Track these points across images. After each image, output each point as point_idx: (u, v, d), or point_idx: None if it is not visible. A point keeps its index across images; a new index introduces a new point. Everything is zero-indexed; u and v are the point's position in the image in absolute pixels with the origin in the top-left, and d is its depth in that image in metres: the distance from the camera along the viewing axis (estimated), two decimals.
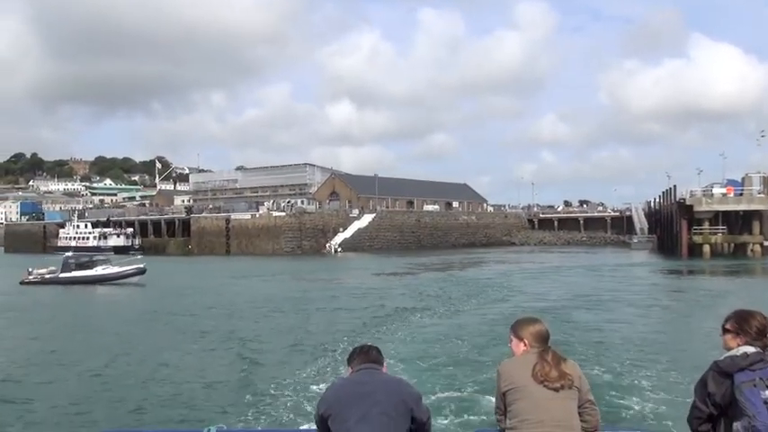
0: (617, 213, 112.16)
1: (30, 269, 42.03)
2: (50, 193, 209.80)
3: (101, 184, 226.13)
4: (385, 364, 4.14)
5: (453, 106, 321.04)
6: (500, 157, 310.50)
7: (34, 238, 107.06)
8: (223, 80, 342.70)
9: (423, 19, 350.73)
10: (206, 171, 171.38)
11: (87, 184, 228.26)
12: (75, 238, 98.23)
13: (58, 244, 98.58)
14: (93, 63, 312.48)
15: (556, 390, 3.95)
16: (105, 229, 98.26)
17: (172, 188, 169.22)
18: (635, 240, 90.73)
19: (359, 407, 3.72)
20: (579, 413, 4.07)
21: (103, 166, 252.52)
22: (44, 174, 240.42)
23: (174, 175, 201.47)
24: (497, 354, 14.44)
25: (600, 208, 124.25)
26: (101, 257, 45.36)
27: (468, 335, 19.60)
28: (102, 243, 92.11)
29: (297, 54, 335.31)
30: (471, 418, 10.91)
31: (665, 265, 58.70)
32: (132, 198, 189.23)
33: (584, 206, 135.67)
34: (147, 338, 21.16)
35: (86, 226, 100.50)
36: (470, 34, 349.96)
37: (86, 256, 45.57)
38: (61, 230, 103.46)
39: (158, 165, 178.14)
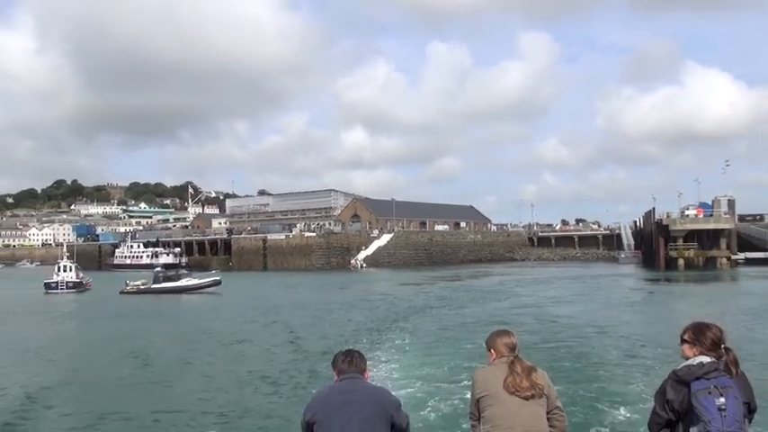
0: (608, 231, 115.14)
1: (127, 282, 49.27)
2: (91, 216, 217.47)
3: (136, 208, 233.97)
4: (367, 371, 4.24)
5: (461, 132, 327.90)
6: (504, 179, 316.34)
7: (90, 257, 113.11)
8: (247, 109, 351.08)
9: (432, 52, 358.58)
10: (236, 196, 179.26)
11: (124, 207, 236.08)
12: (129, 257, 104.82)
13: (114, 262, 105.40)
14: (126, 94, 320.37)
15: (526, 398, 4.06)
16: (156, 249, 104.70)
17: (209, 212, 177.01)
18: (622, 255, 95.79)
19: (342, 414, 3.82)
20: (548, 419, 4.16)
21: (138, 191, 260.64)
22: (84, 198, 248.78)
23: (202, 198, 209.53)
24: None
25: (594, 226, 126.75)
26: (184, 271, 52.63)
27: (472, 324, 26.15)
28: (153, 261, 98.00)
29: (315, 84, 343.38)
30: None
31: (646, 275, 64.80)
32: (166, 220, 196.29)
33: (580, 225, 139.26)
34: (244, 334, 28.64)
35: (139, 246, 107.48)
36: (477, 65, 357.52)
37: (173, 271, 52.83)
38: (117, 250, 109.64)
39: (191, 190, 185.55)
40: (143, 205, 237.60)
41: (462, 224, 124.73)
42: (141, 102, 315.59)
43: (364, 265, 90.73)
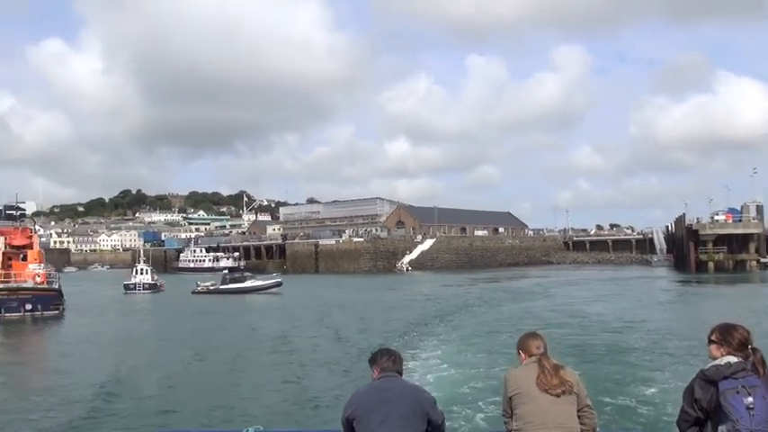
0: (641, 236, 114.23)
1: (198, 283, 52.35)
2: (154, 223, 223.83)
3: (195, 215, 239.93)
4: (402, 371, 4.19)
5: (498, 141, 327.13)
6: (540, 186, 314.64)
7: (156, 261, 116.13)
8: (298, 122, 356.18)
9: (470, 65, 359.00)
10: (287, 204, 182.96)
11: (184, 215, 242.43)
12: (193, 260, 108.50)
13: (179, 266, 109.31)
14: (185, 109, 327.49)
15: (557, 395, 4.04)
16: (217, 254, 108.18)
17: (262, 219, 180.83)
18: (654, 259, 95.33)
19: (381, 411, 3.82)
20: (579, 416, 4.12)
21: (196, 199, 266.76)
22: (147, 207, 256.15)
23: (256, 206, 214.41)
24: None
25: (628, 231, 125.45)
26: (248, 274, 55.43)
27: (508, 320, 28.19)
28: (215, 264, 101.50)
29: (361, 98, 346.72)
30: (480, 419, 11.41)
31: (677, 277, 65.10)
32: (223, 227, 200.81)
33: (614, 229, 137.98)
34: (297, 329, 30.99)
35: (201, 251, 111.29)
36: (513, 77, 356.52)
37: (238, 273, 55.69)
38: (181, 255, 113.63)
39: (245, 198, 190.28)
40: (201, 213, 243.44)
41: (500, 230, 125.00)
42: (199, 116, 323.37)
43: (409, 268, 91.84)
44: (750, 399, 3.48)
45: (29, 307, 33.69)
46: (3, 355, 24.86)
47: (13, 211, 41.38)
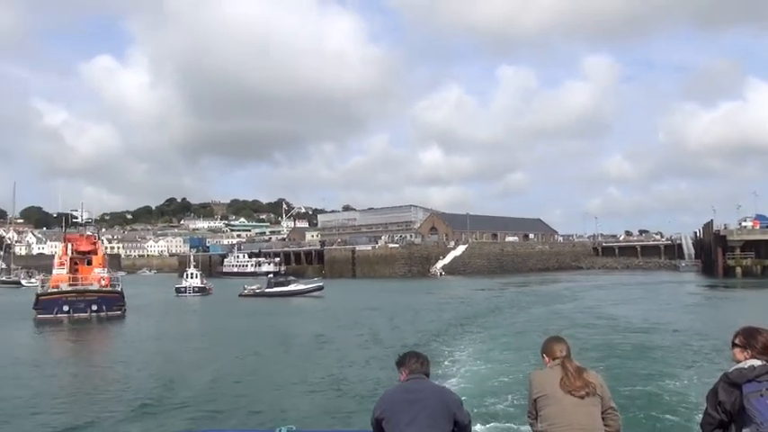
0: (669, 242, 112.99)
1: (245, 286, 54.19)
2: (197, 229, 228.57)
3: (236, 222, 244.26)
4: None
5: (529, 148, 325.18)
6: (570, 192, 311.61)
7: (202, 266, 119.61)
8: (334, 133, 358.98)
9: (500, 75, 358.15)
10: (323, 211, 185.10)
11: (226, 222, 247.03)
12: (236, 265, 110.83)
13: (224, 270, 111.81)
14: (226, 121, 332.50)
15: (581, 397, 4.03)
16: (259, 259, 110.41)
17: (300, 225, 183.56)
18: (683, 264, 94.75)
19: (409, 411, 3.83)
20: (603, 418, 4.11)
21: (237, 207, 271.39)
22: (191, 214, 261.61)
23: (294, 213, 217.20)
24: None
25: (657, 237, 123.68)
26: (292, 278, 57.09)
27: (537, 321, 29.29)
28: (257, 269, 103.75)
29: (395, 108, 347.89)
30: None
31: (705, 282, 65.10)
32: (263, 233, 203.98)
33: (642, 235, 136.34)
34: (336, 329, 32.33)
35: (244, 256, 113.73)
36: (543, 86, 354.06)
37: (282, 277, 57.42)
38: (225, 260, 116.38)
39: (285, 206, 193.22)
40: (242, 220, 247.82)
41: (531, 236, 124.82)
42: (240, 127, 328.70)
43: (443, 273, 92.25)
44: None
45: (95, 308, 35.68)
46: (73, 350, 26.67)
47: (86, 220, 43.32)
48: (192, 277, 59.54)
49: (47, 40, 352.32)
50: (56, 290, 36.16)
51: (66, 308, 35.16)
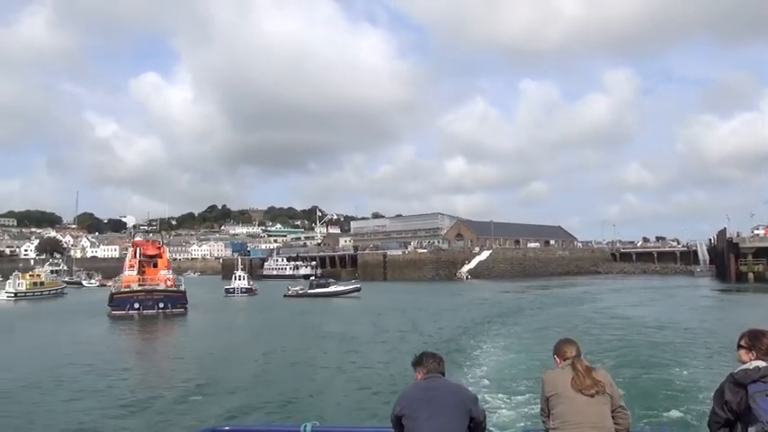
0: (685, 248, 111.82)
1: (289, 287, 56.52)
2: (237, 235, 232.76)
3: (273, 228, 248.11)
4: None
5: (550, 159, 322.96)
6: (590, 200, 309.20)
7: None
8: (364, 143, 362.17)
9: (523, 88, 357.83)
10: (353, 218, 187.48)
11: (263, 227, 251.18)
12: (276, 268, 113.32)
13: (264, 273, 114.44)
14: (264, 132, 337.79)
15: (591, 396, 4.03)
16: (297, 262, 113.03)
17: (332, 231, 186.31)
18: (697, 269, 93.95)
19: (427, 408, 3.86)
20: (613, 416, 4.10)
21: (274, 214, 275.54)
22: (231, 220, 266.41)
23: (327, 220, 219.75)
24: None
25: (674, 243, 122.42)
26: (332, 280, 59.29)
27: (556, 319, 30.96)
28: (295, 272, 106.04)
29: (423, 120, 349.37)
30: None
31: (718, 286, 65.07)
32: (298, 238, 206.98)
33: (659, 242, 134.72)
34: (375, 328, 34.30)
35: (283, 260, 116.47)
36: (564, 98, 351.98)
37: (323, 279, 59.63)
38: (266, 263, 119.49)
39: (318, 213, 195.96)
40: (278, 226, 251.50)
41: (551, 242, 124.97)
42: (276, 138, 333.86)
43: (469, 276, 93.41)
44: None
45: (161, 305, 38.32)
46: (143, 341, 29.27)
47: (151, 228, 46.09)
48: (239, 279, 62.17)
49: (99, 59, 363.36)
50: (127, 289, 38.94)
51: (136, 305, 37.86)
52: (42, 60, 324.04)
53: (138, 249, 41.41)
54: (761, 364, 3.58)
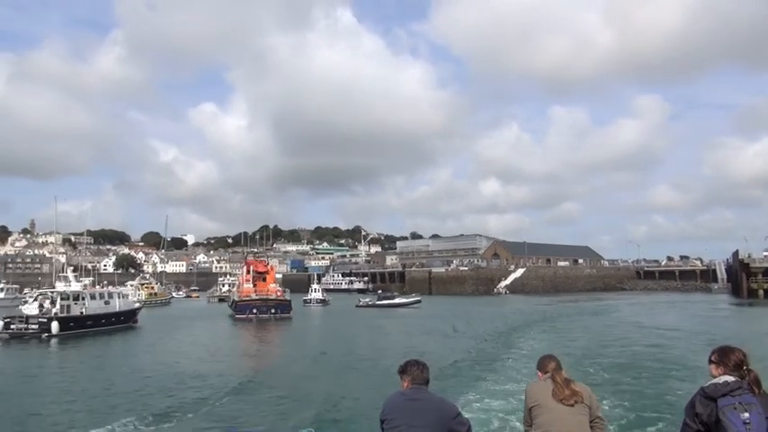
0: (705, 267, 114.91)
1: (360, 299, 64.46)
2: (287, 252, 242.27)
3: (320, 246, 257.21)
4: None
5: (580, 181, 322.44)
6: (618, 221, 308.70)
7: (302, 283, 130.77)
8: (404, 167, 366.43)
9: (553, 114, 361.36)
10: (393, 237, 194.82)
11: (312, 246, 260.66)
12: (332, 283, 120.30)
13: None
14: (311, 157, 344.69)
15: (571, 405, 4.08)
16: (351, 278, 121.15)
17: (376, 249, 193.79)
18: (715, 287, 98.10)
19: (409, 416, 3.85)
20: (591, 426, 4.14)
21: (320, 233, 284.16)
22: (282, 239, 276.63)
23: (369, 239, 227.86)
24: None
25: (697, 262, 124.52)
26: (396, 293, 67.10)
27: (582, 328, 37.87)
28: (350, 286, 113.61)
29: (459, 145, 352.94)
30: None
31: (731, 301, 70.24)
32: (343, 256, 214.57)
33: (682, 261, 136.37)
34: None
35: (339, 275, 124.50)
36: (595, 123, 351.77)
37: (389, 292, 67.47)
38: (323, 278, 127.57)
39: (363, 232, 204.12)
40: (325, 244, 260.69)
41: (580, 261, 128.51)
42: (323, 162, 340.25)
43: (507, 291, 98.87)
44: (746, 414, 3.40)
45: (273, 311, 46.70)
46: (258, 340, 35.83)
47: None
48: (315, 292, 70.45)
49: (163, 90, 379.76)
50: (247, 298, 47.54)
51: (254, 311, 46.33)
52: (113, 92, 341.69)
53: (250, 267, 50.13)
54: (729, 378, 3.59)
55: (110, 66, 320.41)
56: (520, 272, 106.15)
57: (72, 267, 50.68)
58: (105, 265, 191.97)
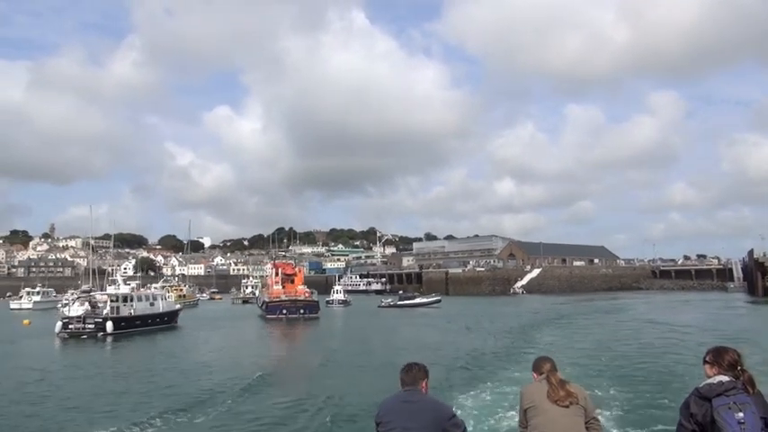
0: (721, 266, 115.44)
1: (382, 300, 66.85)
2: (303, 254, 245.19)
3: (335, 248, 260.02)
4: (425, 381, 4.14)
5: (596, 179, 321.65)
6: (634, 219, 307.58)
7: (320, 284, 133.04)
8: (419, 167, 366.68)
9: (568, 113, 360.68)
10: (408, 238, 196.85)
11: (327, 248, 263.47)
12: (350, 284, 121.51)
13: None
14: (326, 159, 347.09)
15: (566, 407, 4.09)
16: (368, 279, 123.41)
17: (390, 251, 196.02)
18: (731, 286, 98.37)
19: (403, 419, 3.87)
20: (586, 427, 4.15)
21: (335, 235, 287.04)
22: (297, 241, 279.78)
23: (384, 241, 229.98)
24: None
25: (714, 261, 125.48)
26: (416, 293, 69.52)
27: (597, 325, 40.00)
28: (368, 287, 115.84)
29: (474, 146, 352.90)
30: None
31: (747, 299, 71.29)
32: (359, 257, 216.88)
33: (699, 259, 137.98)
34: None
35: (356, 277, 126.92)
36: (610, 121, 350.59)
37: (410, 293, 69.81)
38: (341, 279, 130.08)
39: (378, 234, 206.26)
40: (340, 246, 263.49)
41: (595, 260, 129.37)
42: (337, 163, 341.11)
43: (524, 291, 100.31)
44: (741, 414, 3.42)
45: (302, 311, 49.25)
46: (285, 337, 38.50)
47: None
48: (337, 293, 72.99)
49: (178, 94, 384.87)
50: (277, 299, 50.17)
51: (284, 311, 48.89)
52: (129, 96, 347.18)
53: (278, 269, 52.80)
54: (724, 378, 3.61)
55: (126, 70, 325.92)
56: (536, 272, 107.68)
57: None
58: (126, 269, 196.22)
